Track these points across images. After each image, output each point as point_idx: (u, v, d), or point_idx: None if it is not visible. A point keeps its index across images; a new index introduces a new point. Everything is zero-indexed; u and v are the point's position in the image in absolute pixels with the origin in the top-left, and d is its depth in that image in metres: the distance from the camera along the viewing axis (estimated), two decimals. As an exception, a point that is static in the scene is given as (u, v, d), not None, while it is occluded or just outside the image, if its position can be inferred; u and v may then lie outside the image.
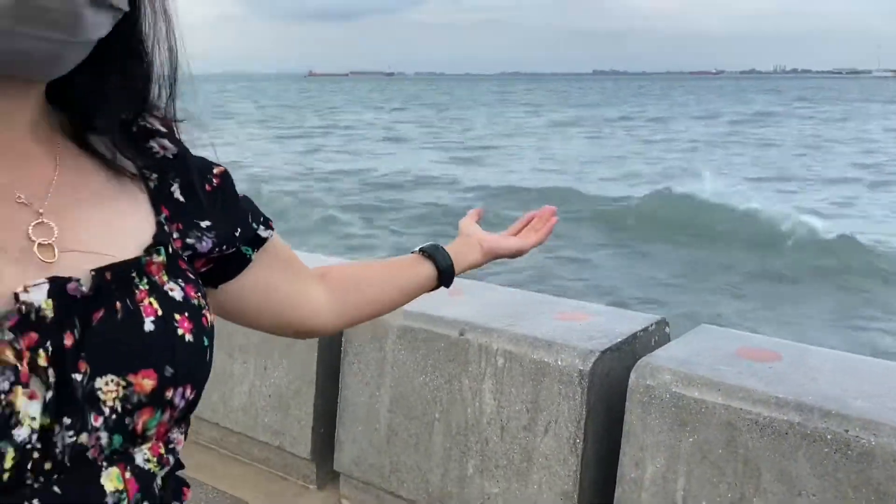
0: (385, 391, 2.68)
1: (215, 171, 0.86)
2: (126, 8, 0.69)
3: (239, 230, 0.86)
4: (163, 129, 0.82)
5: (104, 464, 0.65)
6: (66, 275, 0.64)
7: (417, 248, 1.16)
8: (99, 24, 0.66)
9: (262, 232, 0.90)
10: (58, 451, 0.61)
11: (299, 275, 0.99)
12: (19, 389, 0.58)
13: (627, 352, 2.33)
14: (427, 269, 1.14)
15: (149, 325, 0.68)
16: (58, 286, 0.63)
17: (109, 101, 0.76)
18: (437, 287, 1.16)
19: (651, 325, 2.45)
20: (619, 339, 2.31)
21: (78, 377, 0.62)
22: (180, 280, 0.74)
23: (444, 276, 1.15)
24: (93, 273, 0.66)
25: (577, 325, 2.42)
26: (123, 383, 0.65)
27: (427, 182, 20.88)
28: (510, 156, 27.40)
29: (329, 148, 30.33)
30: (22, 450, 0.59)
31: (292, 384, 2.94)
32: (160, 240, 0.75)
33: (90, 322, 0.64)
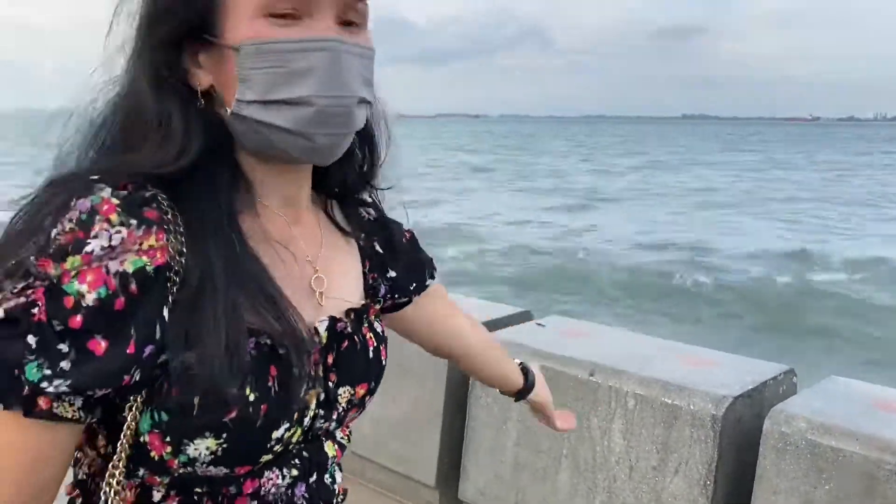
0: (512, 425, 2.82)
1: (406, 230, 1.13)
2: (373, 100, 0.90)
3: (414, 284, 1.13)
4: (367, 199, 1.07)
5: (324, 438, 0.94)
6: (331, 314, 0.92)
7: (520, 362, 1.40)
8: (361, 117, 0.87)
9: (428, 281, 1.16)
10: (309, 431, 0.89)
11: (455, 315, 1.27)
12: (312, 392, 0.87)
13: (757, 399, 2.41)
14: (518, 381, 1.37)
15: (370, 354, 0.96)
16: (332, 323, 0.91)
17: (349, 177, 1.01)
18: (510, 394, 1.38)
19: (780, 374, 2.53)
20: (750, 387, 2.39)
21: (330, 385, 0.90)
22: (379, 319, 1.02)
23: (522, 393, 1.37)
24: (346, 315, 0.95)
25: (707, 371, 2.52)
26: (351, 391, 0.93)
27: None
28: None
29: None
30: (302, 430, 0.87)
31: (420, 414, 3.11)
32: (370, 289, 1.03)
33: (340, 348, 0.92)
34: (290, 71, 0.80)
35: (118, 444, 0.77)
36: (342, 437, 0.99)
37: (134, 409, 0.76)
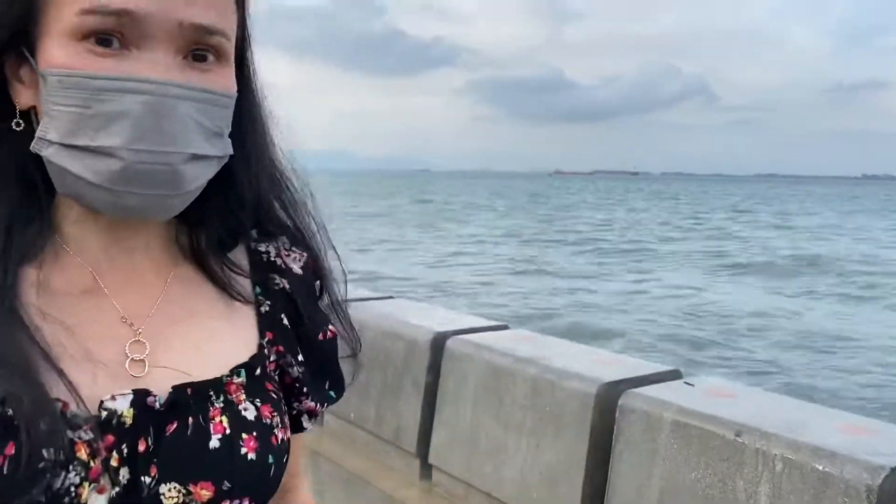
0: (655, 482, 2.81)
1: (330, 330, 0.93)
2: (230, 152, 0.76)
3: (316, 401, 0.92)
4: (283, 266, 0.90)
5: None
6: (152, 388, 0.73)
7: None
8: (200, 175, 0.73)
9: (308, 423, 0.93)
10: None
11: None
12: (87, 485, 0.67)
13: (920, 473, 2.28)
14: None
15: (214, 442, 0.74)
16: (139, 398, 0.72)
17: (214, 224, 0.84)
18: None
19: (947, 448, 2.38)
20: (911, 459, 2.28)
21: (147, 479, 0.70)
22: (258, 400, 0.79)
23: None
24: (172, 389, 0.74)
25: (863, 439, 2.42)
26: (184, 491, 0.71)
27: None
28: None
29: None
30: None
31: (562, 464, 3.16)
32: (255, 362, 0.82)
33: (164, 433, 0.72)
34: (98, 114, 0.67)
35: None
36: None
37: None
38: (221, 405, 0.76)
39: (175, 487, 0.71)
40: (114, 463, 0.69)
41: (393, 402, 4.09)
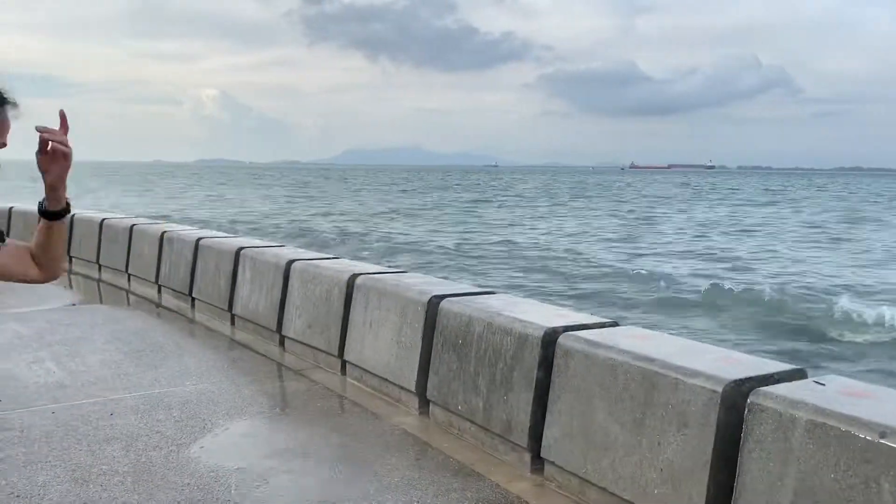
0: (789, 483, 2.76)
1: None
2: None
3: None
4: None
5: None
6: None
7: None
8: None
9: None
10: None
11: (24, 259, 1.99)
12: None
13: None
14: (43, 221, 1.91)
15: None
16: None
17: None
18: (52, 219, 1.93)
19: None
20: None
21: None
22: None
23: (45, 215, 1.91)
24: None
25: None
26: None
27: None
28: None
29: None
30: None
31: (686, 462, 3.13)
32: None
33: None
34: None
35: None
36: None
37: None
38: None
39: None
40: None
41: (502, 396, 4.13)
